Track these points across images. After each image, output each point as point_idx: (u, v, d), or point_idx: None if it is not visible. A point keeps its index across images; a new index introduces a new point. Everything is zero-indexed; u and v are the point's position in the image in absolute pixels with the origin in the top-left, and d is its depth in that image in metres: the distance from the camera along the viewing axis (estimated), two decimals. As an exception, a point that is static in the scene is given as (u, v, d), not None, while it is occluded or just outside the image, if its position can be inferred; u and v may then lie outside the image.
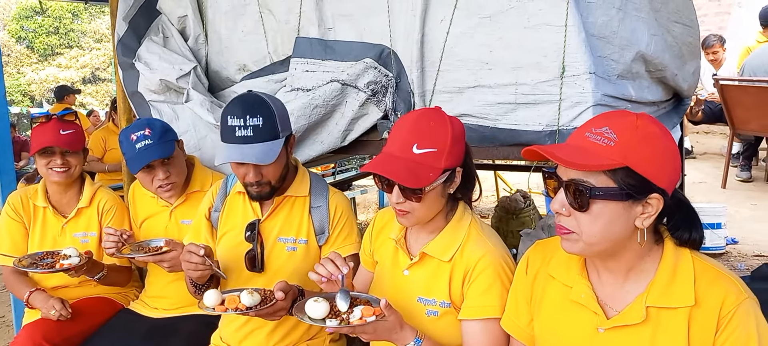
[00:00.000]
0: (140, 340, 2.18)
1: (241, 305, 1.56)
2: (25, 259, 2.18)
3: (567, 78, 1.88)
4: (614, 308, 1.22)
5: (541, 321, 1.35)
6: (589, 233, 1.14)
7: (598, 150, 1.11)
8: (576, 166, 1.10)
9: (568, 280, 1.30)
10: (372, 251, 1.77)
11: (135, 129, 2.17)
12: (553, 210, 1.19)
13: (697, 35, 2.60)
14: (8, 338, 3.65)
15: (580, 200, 1.12)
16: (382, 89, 2.25)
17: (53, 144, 2.26)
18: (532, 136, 1.98)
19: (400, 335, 1.41)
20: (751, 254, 4.48)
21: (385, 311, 1.35)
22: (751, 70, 5.80)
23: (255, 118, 1.72)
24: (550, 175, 1.20)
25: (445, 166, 1.44)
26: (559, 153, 1.13)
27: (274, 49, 2.61)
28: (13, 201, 2.42)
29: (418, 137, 1.43)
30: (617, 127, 1.12)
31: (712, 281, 1.14)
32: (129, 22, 2.73)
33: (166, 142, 2.19)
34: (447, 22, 2.06)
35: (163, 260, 2.03)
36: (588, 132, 1.14)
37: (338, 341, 2.05)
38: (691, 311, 1.13)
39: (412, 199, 1.45)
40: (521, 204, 3.91)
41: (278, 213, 1.93)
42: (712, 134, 8.06)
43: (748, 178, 6.33)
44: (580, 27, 1.86)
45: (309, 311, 1.41)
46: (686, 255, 1.19)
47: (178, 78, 2.57)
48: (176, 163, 2.25)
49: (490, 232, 1.59)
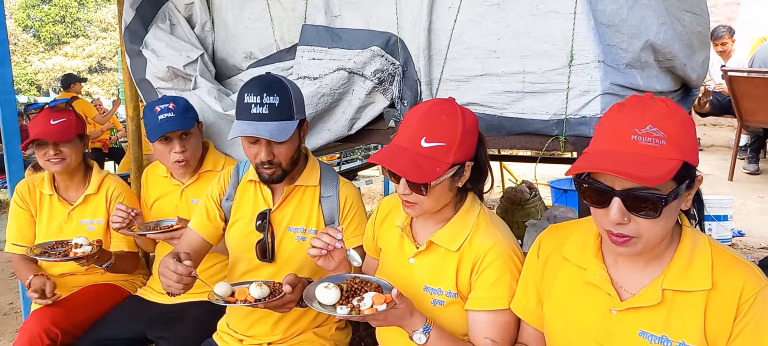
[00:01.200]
0: (147, 325, 2.20)
1: (251, 297, 1.56)
2: (37, 248, 2.20)
3: (575, 66, 1.87)
4: (628, 291, 1.23)
5: (552, 302, 1.35)
6: (652, 233, 1.12)
7: (655, 153, 1.05)
8: (650, 182, 1.02)
9: (583, 262, 1.30)
10: (376, 238, 1.77)
11: (160, 102, 2.28)
12: (610, 220, 1.11)
13: (707, 25, 2.58)
14: (16, 325, 3.69)
15: (652, 208, 1.08)
16: (388, 77, 2.24)
17: (43, 136, 2.27)
18: (540, 125, 1.97)
19: (410, 321, 1.40)
20: (757, 246, 4.47)
21: (396, 299, 1.35)
22: (760, 62, 5.75)
23: (271, 97, 1.74)
24: (598, 190, 1.12)
25: (454, 160, 1.42)
26: (624, 168, 1.04)
27: (280, 36, 2.61)
28: (21, 189, 2.45)
29: (427, 130, 1.41)
30: (658, 121, 1.07)
31: (731, 267, 1.14)
32: (136, 9, 2.73)
33: (187, 118, 2.29)
34: (455, 10, 2.05)
35: (173, 238, 2.06)
36: (633, 134, 1.07)
37: (344, 329, 2.06)
38: (709, 294, 1.13)
39: (418, 192, 1.44)
40: (527, 195, 3.90)
41: (289, 203, 1.93)
42: (719, 126, 8.02)
43: (755, 170, 6.29)
44: (589, 15, 1.84)
45: (320, 297, 1.40)
46: (703, 240, 1.19)
47: (185, 65, 2.57)
48: (193, 140, 2.33)
49: (499, 222, 1.58)
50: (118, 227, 2.20)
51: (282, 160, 1.82)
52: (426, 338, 1.39)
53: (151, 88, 2.71)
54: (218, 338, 2.00)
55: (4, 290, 4.33)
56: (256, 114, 1.73)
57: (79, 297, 2.33)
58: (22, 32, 25.79)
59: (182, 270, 1.55)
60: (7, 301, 4.13)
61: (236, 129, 1.75)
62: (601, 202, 1.12)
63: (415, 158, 1.39)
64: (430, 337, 1.40)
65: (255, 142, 1.78)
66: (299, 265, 1.89)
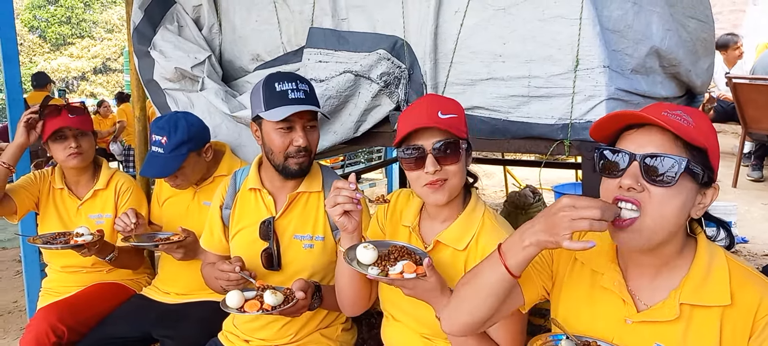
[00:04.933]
0: (152, 324, 2.22)
1: (267, 305, 1.58)
2: (39, 238, 2.23)
3: (581, 71, 1.88)
4: (643, 302, 1.20)
5: (566, 303, 1.33)
6: (659, 214, 1.09)
7: (683, 127, 1.07)
8: (681, 132, 1.05)
9: (599, 266, 1.28)
10: (383, 225, 1.76)
11: (158, 130, 2.21)
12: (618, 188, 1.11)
13: (712, 31, 2.58)
14: (21, 323, 3.70)
15: (670, 172, 1.07)
16: (394, 80, 2.25)
17: (66, 125, 2.30)
18: (545, 129, 1.98)
19: (439, 299, 1.40)
20: (761, 253, 4.46)
21: (427, 270, 1.35)
22: (762, 69, 5.75)
23: (304, 85, 1.84)
24: (609, 151, 1.15)
25: (465, 132, 1.50)
26: (662, 119, 1.07)
27: (287, 39, 2.62)
28: (37, 172, 2.50)
29: (440, 106, 1.48)
30: (688, 113, 1.11)
31: (746, 282, 1.12)
32: (145, 11, 2.75)
33: (177, 156, 2.19)
34: (461, 14, 2.06)
35: (171, 251, 2.06)
36: (664, 111, 1.10)
37: (350, 330, 2.07)
38: (725, 310, 1.10)
39: (448, 162, 1.47)
40: (530, 199, 3.90)
41: (292, 210, 1.93)
42: (723, 133, 8.00)
43: (759, 177, 6.29)
44: (595, 20, 1.85)
45: (359, 256, 1.42)
46: (720, 253, 1.17)
47: (192, 66, 2.59)
48: (185, 172, 2.26)
49: (503, 222, 1.60)
50: (119, 230, 2.22)
51: (313, 148, 1.87)
52: None
53: (159, 89, 2.72)
54: (224, 338, 2.01)
55: (9, 289, 4.36)
56: (295, 99, 1.78)
57: (85, 295, 2.36)
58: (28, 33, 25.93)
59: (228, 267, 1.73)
60: (12, 299, 4.15)
61: (282, 112, 1.76)
62: (618, 169, 1.12)
63: (440, 127, 1.44)
64: None
65: (289, 130, 1.81)
66: (308, 274, 1.89)
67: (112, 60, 26.74)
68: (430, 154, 1.45)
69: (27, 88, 9.38)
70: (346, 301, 1.69)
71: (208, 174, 2.38)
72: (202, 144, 2.28)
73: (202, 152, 2.29)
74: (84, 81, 26.38)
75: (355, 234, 1.48)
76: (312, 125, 1.85)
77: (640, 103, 2.05)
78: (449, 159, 1.47)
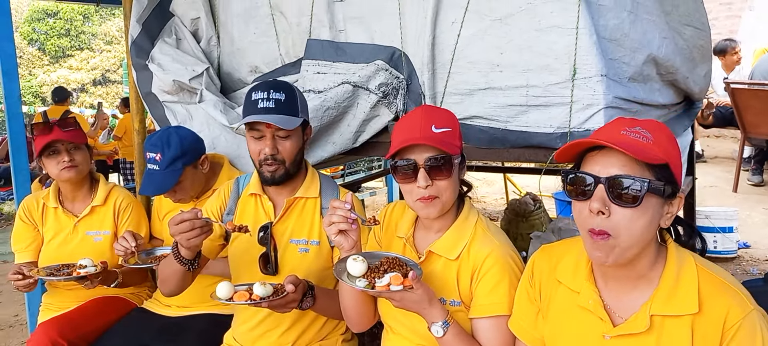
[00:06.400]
0: (152, 337, 2.21)
1: (255, 295, 1.59)
2: (43, 270, 2.24)
3: (578, 80, 1.89)
4: (621, 316, 1.23)
5: (550, 325, 1.35)
6: (629, 234, 1.12)
7: (641, 146, 1.12)
8: (638, 155, 1.09)
9: (575, 285, 1.31)
10: (379, 238, 1.77)
11: (151, 147, 2.22)
12: (589, 212, 1.15)
13: (709, 38, 2.59)
14: (22, 337, 3.69)
15: (633, 193, 1.10)
16: (393, 91, 2.26)
17: (59, 138, 2.30)
18: (543, 138, 1.99)
19: (428, 311, 1.41)
20: (763, 258, 4.46)
21: (414, 283, 1.35)
22: (760, 74, 5.76)
23: (278, 93, 1.80)
24: (575, 176, 1.19)
25: (459, 146, 1.50)
26: (619, 144, 1.10)
27: (285, 50, 2.63)
28: (27, 204, 2.49)
29: (433, 119, 1.48)
30: (647, 127, 1.15)
31: (716, 291, 1.14)
32: (142, 24, 2.76)
33: (173, 172, 2.21)
34: (458, 24, 2.07)
35: None
36: (623, 130, 1.14)
37: (350, 340, 2.07)
38: (694, 319, 1.13)
39: (439, 177, 1.47)
40: (531, 207, 3.90)
41: (290, 215, 1.95)
42: (723, 138, 8.01)
43: (759, 182, 6.28)
44: (591, 30, 1.86)
45: (349, 268, 1.42)
46: (690, 261, 1.19)
47: (190, 79, 2.59)
48: (183, 186, 2.27)
49: (495, 229, 1.60)
50: (120, 254, 2.24)
51: (286, 158, 1.84)
52: (443, 332, 1.41)
53: (157, 102, 2.73)
54: (224, 351, 2.00)
55: (10, 302, 4.35)
56: (263, 108, 1.77)
57: (86, 309, 2.36)
58: (27, 45, 25.99)
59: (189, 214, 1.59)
60: (12, 313, 4.14)
61: (247, 120, 1.78)
62: (585, 192, 1.16)
63: (433, 141, 1.45)
64: (447, 332, 1.41)
65: (260, 138, 1.81)
66: (303, 277, 1.89)
67: (112, 72, 26.80)
68: (422, 169, 1.46)
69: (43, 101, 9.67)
70: (353, 319, 1.71)
71: (208, 186, 2.38)
72: (197, 156, 2.29)
73: (198, 165, 2.30)
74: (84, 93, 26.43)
75: (353, 252, 1.49)
76: (282, 135, 1.81)
77: (638, 110, 2.06)
78: (441, 174, 1.47)
